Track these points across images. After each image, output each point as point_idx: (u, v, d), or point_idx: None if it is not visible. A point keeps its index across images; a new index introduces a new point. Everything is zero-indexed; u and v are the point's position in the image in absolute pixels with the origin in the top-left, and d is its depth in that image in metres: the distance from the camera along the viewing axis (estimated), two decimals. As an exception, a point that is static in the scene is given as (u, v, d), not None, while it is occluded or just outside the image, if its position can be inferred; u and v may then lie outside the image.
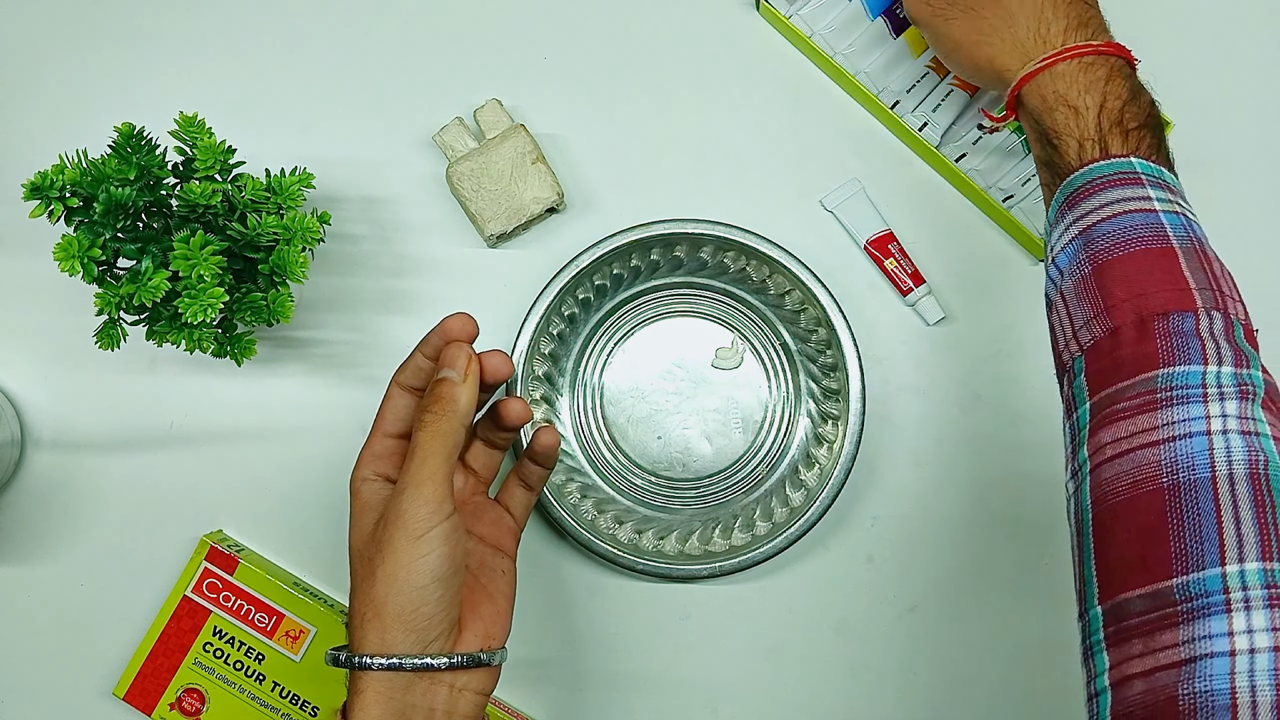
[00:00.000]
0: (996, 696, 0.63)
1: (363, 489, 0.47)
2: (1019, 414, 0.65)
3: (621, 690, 0.63)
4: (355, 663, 0.43)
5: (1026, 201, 0.64)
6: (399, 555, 0.43)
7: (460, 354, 0.46)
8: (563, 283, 0.60)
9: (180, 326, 0.53)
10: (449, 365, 0.46)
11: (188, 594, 0.60)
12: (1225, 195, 0.66)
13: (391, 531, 0.43)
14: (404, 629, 0.43)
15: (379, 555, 0.43)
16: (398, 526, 0.43)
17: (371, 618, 0.43)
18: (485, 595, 0.49)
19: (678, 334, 0.65)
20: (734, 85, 0.66)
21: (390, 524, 0.43)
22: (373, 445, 0.49)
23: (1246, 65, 0.67)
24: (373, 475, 0.48)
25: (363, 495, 0.47)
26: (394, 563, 0.43)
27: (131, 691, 0.60)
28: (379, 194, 0.65)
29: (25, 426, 0.63)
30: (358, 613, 0.44)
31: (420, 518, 0.43)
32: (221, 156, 0.53)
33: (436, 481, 0.43)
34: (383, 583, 0.43)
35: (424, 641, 0.44)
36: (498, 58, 0.66)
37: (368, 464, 0.48)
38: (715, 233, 0.61)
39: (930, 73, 0.65)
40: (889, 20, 0.65)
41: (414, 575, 0.43)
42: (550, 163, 0.63)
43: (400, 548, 0.43)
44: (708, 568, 0.60)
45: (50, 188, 0.49)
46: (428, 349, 0.49)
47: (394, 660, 0.43)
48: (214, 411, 0.64)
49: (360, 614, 0.44)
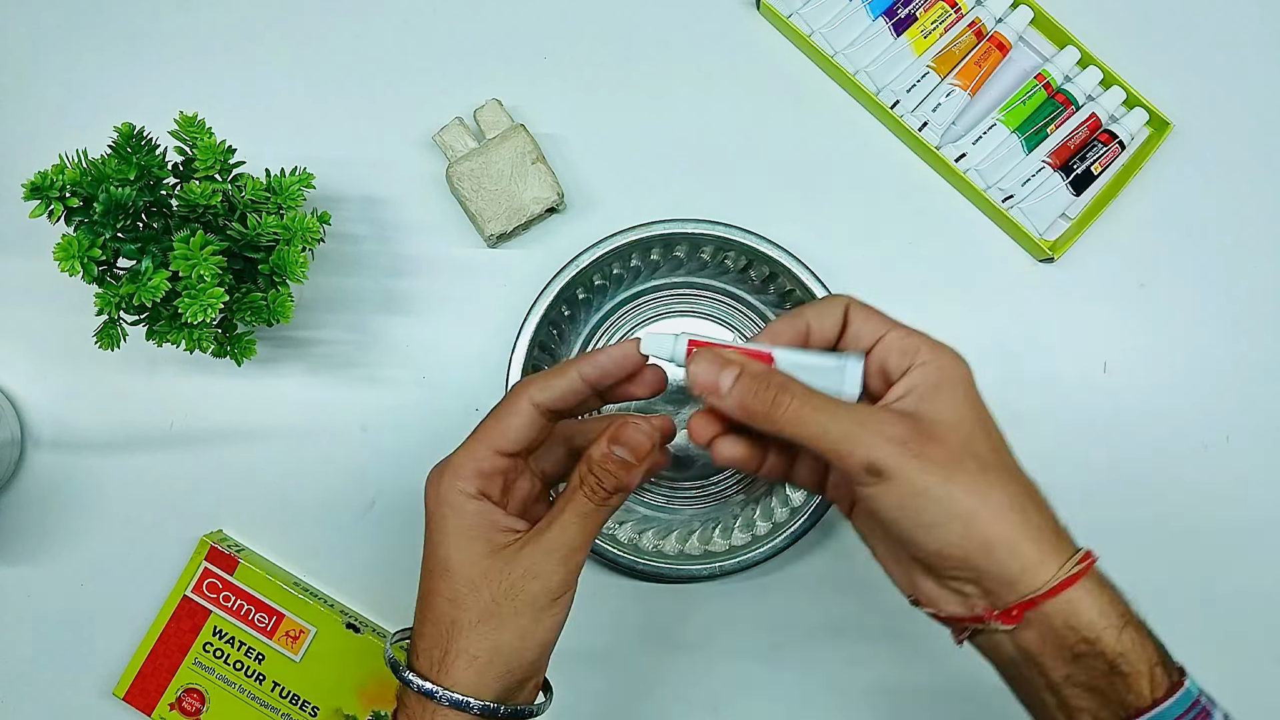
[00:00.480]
0: (995, 696, 0.63)
1: (466, 505, 0.43)
2: (1019, 414, 0.64)
3: (622, 690, 0.63)
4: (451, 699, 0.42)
5: (1027, 201, 0.64)
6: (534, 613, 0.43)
7: (644, 438, 0.43)
8: (563, 283, 0.60)
9: (180, 326, 0.53)
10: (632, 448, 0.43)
11: (188, 594, 0.60)
12: (1225, 195, 0.66)
13: (533, 588, 0.42)
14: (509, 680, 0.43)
15: (511, 605, 0.42)
16: (540, 586, 0.42)
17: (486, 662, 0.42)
18: None
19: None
20: (734, 85, 0.66)
21: (533, 579, 0.42)
22: (479, 457, 0.44)
23: (1247, 65, 0.67)
24: (476, 493, 0.43)
25: (467, 513, 0.43)
26: (527, 620, 0.43)
27: (131, 691, 0.60)
28: (379, 194, 0.65)
29: (25, 426, 0.63)
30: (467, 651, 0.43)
31: (564, 584, 0.43)
32: (221, 156, 0.53)
33: (584, 550, 0.43)
34: (513, 634, 0.42)
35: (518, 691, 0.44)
36: (498, 58, 0.66)
37: (472, 478, 0.43)
38: (715, 233, 0.61)
39: (930, 72, 0.65)
40: (889, 20, 0.65)
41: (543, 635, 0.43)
42: (550, 163, 0.63)
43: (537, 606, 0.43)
44: (708, 568, 0.60)
45: (50, 188, 0.49)
46: (591, 373, 0.44)
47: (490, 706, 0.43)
48: (214, 411, 0.64)
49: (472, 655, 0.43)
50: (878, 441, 0.40)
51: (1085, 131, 0.64)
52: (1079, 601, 0.40)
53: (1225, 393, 0.65)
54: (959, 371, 0.43)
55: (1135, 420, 0.65)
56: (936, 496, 0.40)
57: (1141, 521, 0.64)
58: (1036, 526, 0.41)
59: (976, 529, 0.40)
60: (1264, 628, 0.63)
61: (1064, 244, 0.64)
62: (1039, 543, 0.40)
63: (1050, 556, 0.40)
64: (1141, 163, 0.64)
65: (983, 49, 0.65)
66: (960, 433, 0.41)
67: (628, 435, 0.43)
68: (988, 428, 0.43)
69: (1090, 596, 0.40)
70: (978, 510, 0.40)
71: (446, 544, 0.43)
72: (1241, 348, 0.65)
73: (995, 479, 0.41)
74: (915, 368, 0.43)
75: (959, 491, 0.40)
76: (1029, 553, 0.40)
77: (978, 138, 0.65)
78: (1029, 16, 0.65)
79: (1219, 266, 0.65)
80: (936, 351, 0.43)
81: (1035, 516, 0.41)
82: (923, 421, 0.41)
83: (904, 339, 0.44)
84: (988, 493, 0.40)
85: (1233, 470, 0.64)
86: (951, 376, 0.43)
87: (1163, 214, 0.66)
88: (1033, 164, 0.64)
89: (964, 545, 0.40)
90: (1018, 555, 0.40)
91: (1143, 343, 0.65)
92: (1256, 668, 0.63)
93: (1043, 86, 0.65)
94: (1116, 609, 0.40)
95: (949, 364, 0.43)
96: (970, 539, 0.40)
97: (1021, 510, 0.40)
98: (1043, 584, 0.40)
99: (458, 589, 0.43)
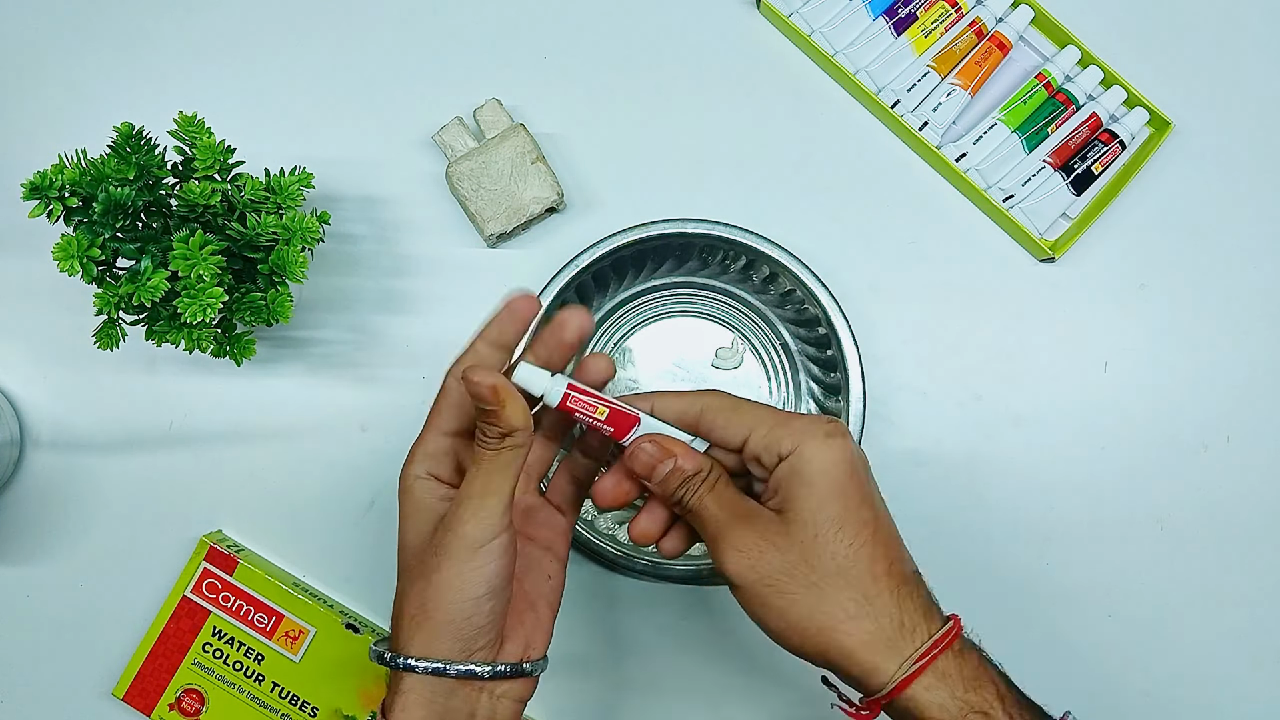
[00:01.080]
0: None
1: (415, 487, 0.46)
2: (1019, 414, 0.65)
3: (622, 690, 0.63)
4: (399, 663, 0.43)
5: (1027, 201, 0.64)
6: (455, 564, 0.43)
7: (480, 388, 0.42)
8: (562, 283, 0.60)
9: (180, 326, 0.53)
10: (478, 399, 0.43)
11: (187, 594, 0.60)
12: (1225, 195, 0.66)
13: (449, 539, 0.43)
14: (452, 636, 0.43)
15: (434, 560, 0.43)
16: (456, 536, 0.43)
17: (421, 621, 0.43)
18: (528, 603, 0.48)
19: (678, 334, 0.65)
20: (734, 85, 0.66)
21: (448, 531, 0.43)
22: (426, 443, 0.47)
23: (1247, 65, 0.67)
24: (425, 474, 0.46)
25: (415, 494, 0.46)
26: (450, 571, 0.43)
27: (131, 692, 0.60)
28: (379, 194, 0.65)
29: (25, 426, 0.63)
30: (405, 613, 0.44)
31: (479, 530, 0.43)
32: (221, 156, 0.53)
33: (498, 495, 0.43)
34: (436, 589, 0.43)
35: (469, 649, 0.44)
36: (498, 58, 0.66)
37: (421, 462, 0.46)
38: (715, 233, 0.61)
39: (930, 72, 0.65)
40: (889, 19, 0.65)
41: (468, 586, 0.43)
42: (550, 162, 0.63)
43: (457, 557, 0.43)
44: (708, 568, 0.60)
45: (50, 187, 0.49)
46: (490, 335, 0.46)
47: (438, 665, 0.43)
48: (213, 411, 0.64)
49: (409, 615, 0.44)
50: (727, 549, 0.44)
51: (1086, 131, 0.64)
52: (918, 699, 0.42)
53: (1225, 393, 0.65)
54: (820, 462, 0.44)
55: (1135, 420, 0.65)
56: (772, 608, 0.44)
57: (1141, 521, 0.64)
58: (871, 632, 0.43)
59: (810, 639, 0.43)
60: (1264, 628, 0.63)
61: (1064, 244, 0.64)
62: (874, 647, 0.42)
63: (888, 658, 0.42)
64: (1142, 162, 0.64)
65: (983, 48, 0.65)
66: (804, 537, 0.43)
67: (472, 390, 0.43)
68: (839, 524, 0.44)
69: (930, 693, 0.42)
70: (807, 623, 0.43)
71: (404, 526, 0.46)
72: (1241, 348, 0.65)
73: (830, 589, 0.43)
74: (781, 464, 0.45)
75: (790, 604, 0.43)
76: (865, 659, 0.42)
77: (978, 137, 0.64)
78: (1029, 16, 0.65)
79: (1219, 266, 0.65)
80: (803, 439, 0.44)
81: (870, 623, 0.43)
82: (774, 527, 0.44)
83: (766, 434, 0.45)
84: (820, 603, 0.43)
85: (1233, 470, 0.64)
86: (808, 470, 0.44)
87: (1163, 214, 0.66)
88: (1033, 164, 0.64)
89: (805, 651, 0.44)
90: (854, 661, 0.43)
91: (1143, 343, 0.65)
92: (1257, 668, 0.63)
93: (1043, 86, 0.65)
94: (958, 699, 0.42)
95: (809, 455, 0.44)
96: (808, 646, 0.43)
97: (854, 617, 0.43)
98: (881, 687, 0.42)
99: (406, 561, 0.45)
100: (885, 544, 0.44)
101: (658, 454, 0.46)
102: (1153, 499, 0.64)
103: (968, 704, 0.42)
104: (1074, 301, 0.65)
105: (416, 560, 0.45)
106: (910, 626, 0.43)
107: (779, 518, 0.44)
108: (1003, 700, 0.43)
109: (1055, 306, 0.65)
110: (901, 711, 0.43)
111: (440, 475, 0.46)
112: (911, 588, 0.44)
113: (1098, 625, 0.63)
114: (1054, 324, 0.65)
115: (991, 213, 0.65)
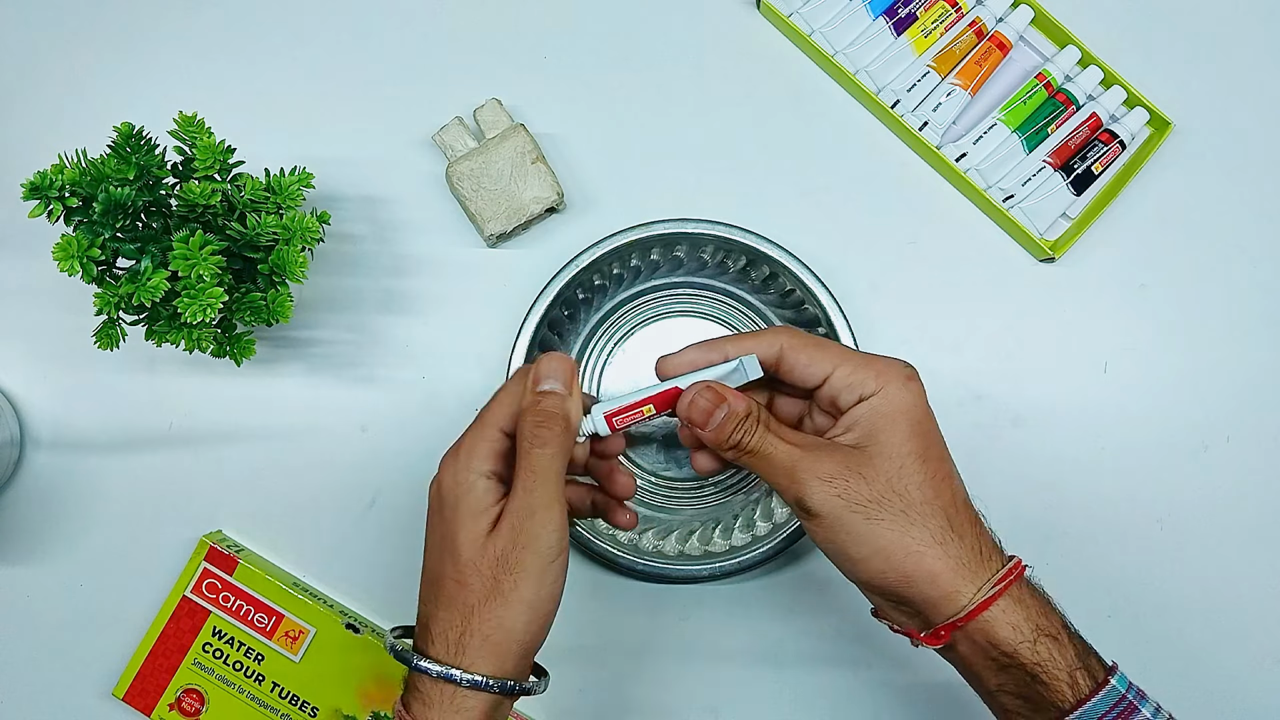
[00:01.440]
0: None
1: (478, 485, 0.44)
2: (1019, 414, 0.65)
3: (622, 691, 0.63)
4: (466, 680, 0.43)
5: (1027, 201, 0.64)
6: (534, 583, 0.43)
7: (562, 366, 0.45)
8: (562, 283, 0.60)
9: (180, 326, 0.53)
10: (551, 376, 0.45)
11: (187, 594, 0.60)
12: (1225, 195, 0.66)
13: (526, 556, 0.43)
14: (521, 654, 0.44)
15: (510, 579, 0.43)
16: (532, 552, 0.43)
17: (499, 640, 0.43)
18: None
19: (678, 334, 0.65)
20: (734, 85, 0.66)
21: (524, 548, 0.43)
22: (488, 439, 0.45)
23: (1247, 65, 0.67)
24: (489, 472, 0.45)
25: (479, 492, 0.44)
26: (529, 589, 0.43)
27: (131, 692, 0.60)
28: (379, 194, 0.65)
29: (25, 426, 0.63)
30: (477, 631, 0.43)
31: (554, 544, 0.43)
32: (221, 156, 0.53)
33: (561, 503, 0.43)
34: (518, 607, 0.43)
35: (527, 665, 0.45)
36: (498, 58, 0.66)
37: (485, 459, 0.45)
38: (715, 233, 0.61)
39: (930, 72, 0.65)
40: (889, 19, 0.65)
41: (546, 604, 0.44)
42: (550, 163, 0.63)
43: (534, 573, 0.43)
44: (708, 568, 0.60)
45: (50, 187, 0.49)
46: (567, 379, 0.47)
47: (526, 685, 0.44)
48: (213, 411, 0.64)
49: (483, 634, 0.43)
50: (809, 479, 0.44)
51: (1086, 131, 0.64)
52: (994, 621, 0.43)
53: (1225, 393, 0.65)
54: (901, 403, 0.45)
55: (1135, 420, 0.65)
56: (859, 534, 0.44)
57: (1141, 521, 0.64)
58: (955, 557, 0.44)
59: (896, 564, 0.44)
60: (1264, 628, 0.63)
61: (1064, 244, 0.64)
62: (956, 573, 0.43)
63: (967, 583, 0.43)
64: (1142, 162, 0.64)
65: (983, 48, 0.65)
66: (890, 470, 0.44)
67: (543, 368, 0.45)
68: (925, 459, 0.45)
69: (1005, 615, 0.43)
70: (895, 548, 0.44)
71: (457, 523, 0.44)
72: (1241, 348, 0.65)
73: (917, 516, 0.44)
74: (860, 402, 0.45)
75: (877, 532, 0.44)
76: (947, 582, 0.43)
77: (978, 137, 0.64)
78: (1029, 16, 0.65)
79: (1219, 266, 0.65)
80: (882, 381, 0.45)
81: (954, 548, 0.44)
82: (857, 459, 0.44)
83: (850, 374, 0.46)
84: (908, 531, 0.44)
85: (1233, 470, 0.64)
86: (894, 410, 0.45)
87: (1163, 214, 0.66)
88: (1033, 164, 0.64)
89: (886, 577, 0.44)
90: (937, 585, 0.43)
91: (1143, 343, 0.65)
92: (1257, 668, 0.63)
93: (1043, 86, 0.65)
94: (1031, 623, 0.43)
95: (893, 396, 0.45)
96: (891, 572, 0.44)
97: (941, 543, 0.44)
98: (960, 609, 0.43)
99: (463, 570, 0.44)
100: (958, 481, 0.46)
101: (713, 400, 0.46)
102: (1153, 499, 0.64)
103: (1039, 628, 0.43)
104: (1074, 301, 0.65)
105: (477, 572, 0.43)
106: (986, 555, 0.44)
107: (859, 451, 0.45)
108: (1066, 629, 0.44)
109: (1055, 306, 0.65)
110: (973, 635, 0.44)
111: (501, 475, 0.45)
112: (981, 524, 0.46)
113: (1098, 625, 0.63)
114: (1054, 324, 0.65)
115: (991, 213, 0.65)
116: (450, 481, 0.45)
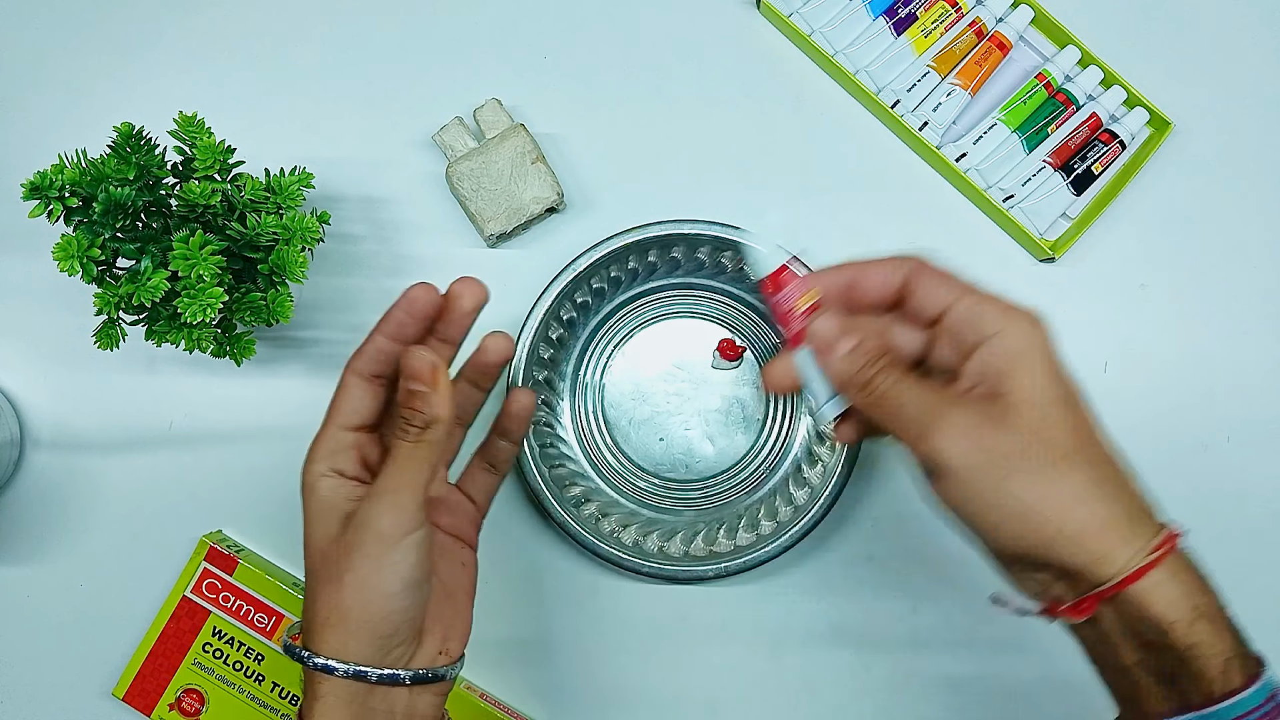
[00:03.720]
0: (996, 696, 0.63)
1: (319, 485, 0.44)
2: (1019, 414, 0.64)
3: (623, 691, 0.63)
4: (317, 664, 0.42)
5: (1027, 202, 0.64)
6: (370, 562, 0.42)
7: (422, 364, 0.42)
8: (562, 286, 0.60)
9: (180, 326, 0.53)
10: (414, 377, 0.42)
11: (187, 594, 0.60)
12: (1225, 195, 0.66)
13: (363, 537, 0.42)
14: (369, 636, 0.42)
15: (347, 560, 0.42)
16: (370, 533, 0.42)
17: (336, 622, 0.42)
18: (445, 593, 0.48)
19: (677, 335, 0.65)
20: (734, 85, 0.66)
21: (362, 529, 0.42)
22: (327, 439, 0.45)
23: (1247, 65, 0.67)
24: (329, 471, 0.45)
25: (319, 492, 0.44)
26: (365, 569, 0.42)
27: (131, 692, 0.60)
28: (379, 194, 0.65)
29: (25, 426, 0.63)
30: (319, 615, 0.43)
31: (395, 526, 0.42)
32: (221, 156, 0.53)
33: (413, 489, 0.42)
34: (351, 588, 0.42)
35: (387, 649, 0.43)
36: (498, 58, 0.66)
37: (323, 459, 0.45)
38: (715, 233, 0.61)
39: (931, 72, 0.65)
40: (889, 19, 0.65)
41: (384, 583, 0.42)
42: (550, 163, 0.63)
43: (371, 554, 0.42)
44: (713, 568, 0.60)
45: (50, 187, 0.49)
46: (389, 329, 0.45)
47: (361, 670, 0.42)
48: (213, 411, 0.64)
49: (322, 617, 0.43)
50: (943, 433, 0.39)
51: (1086, 131, 0.64)
52: (1149, 593, 0.38)
53: (1225, 393, 0.65)
54: (1033, 342, 0.41)
55: (1135, 420, 0.64)
56: (995, 494, 0.39)
57: (1142, 522, 0.64)
58: (1105, 517, 0.39)
59: (1036, 524, 0.39)
60: (1264, 628, 0.63)
61: (1064, 244, 0.64)
62: (1108, 533, 0.39)
63: (1120, 547, 0.39)
64: (1142, 162, 0.64)
65: (983, 48, 0.65)
66: (1033, 417, 0.40)
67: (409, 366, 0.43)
68: (1068, 404, 0.41)
69: (1161, 588, 0.38)
70: (1039, 505, 0.39)
71: (310, 526, 0.45)
72: (1241, 348, 0.65)
73: (1066, 467, 0.39)
74: (986, 342, 0.41)
75: (1020, 487, 0.39)
76: (1096, 545, 0.39)
77: (978, 137, 0.64)
78: (1029, 16, 0.65)
79: (1219, 266, 0.65)
80: (1008, 320, 0.41)
81: (1105, 507, 0.39)
82: (997, 408, 0.40)
83: (972, 308, 0.42)
84: (1055, 484, 0.39)
85: (1233, 470, 0.64)
86: (1024, 350, 0.41)
87: (1163, 214, 0.66)
88: (1033, 164, 0.64)
89: (1024, 541, 0.39)
90: (1084, 548, 0.39)
91: (1143, 343, 0.65)
92: (1257, 668, 0.63)
93: (1043, 86, 0.65)
94: (1190, 600, 0.39)
95: (1022, 335, 0.41)
96: (1030, 535, 0.39)
97: (1091, 500, 0.39)
98: (1110, 577, 0.38)
99: (314, 563, 0.44)
100: (1104, 432, 0.41)
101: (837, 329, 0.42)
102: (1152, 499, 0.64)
103: (1197, 608, 0.39)
104: (1074, 301, 0.65)
105: (326, 561, 0.43)
106: (1140, 516, 0.39)
107: (997, 400, 0.40)
108: (1223, 611, 0.40)
109: (1055, 306, 0.64)
110: (1121, 607, 0.39)
111: (345, 471, 0.45)
112: (1133, 482, 0.40)
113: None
114: (1054, 324, 0.65)
115: (991, 213, 0.65)
116: (302, 487, 0.45)
